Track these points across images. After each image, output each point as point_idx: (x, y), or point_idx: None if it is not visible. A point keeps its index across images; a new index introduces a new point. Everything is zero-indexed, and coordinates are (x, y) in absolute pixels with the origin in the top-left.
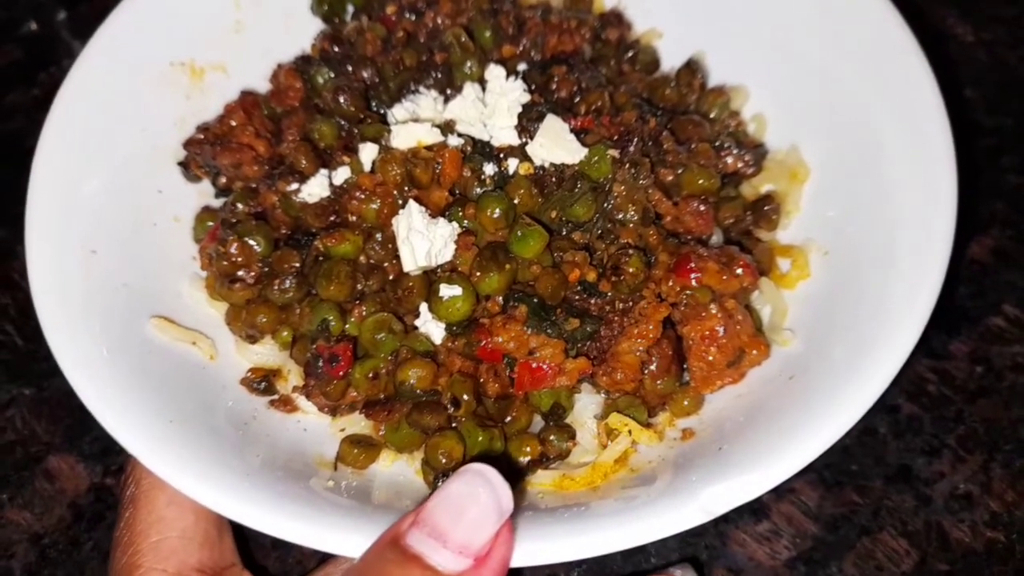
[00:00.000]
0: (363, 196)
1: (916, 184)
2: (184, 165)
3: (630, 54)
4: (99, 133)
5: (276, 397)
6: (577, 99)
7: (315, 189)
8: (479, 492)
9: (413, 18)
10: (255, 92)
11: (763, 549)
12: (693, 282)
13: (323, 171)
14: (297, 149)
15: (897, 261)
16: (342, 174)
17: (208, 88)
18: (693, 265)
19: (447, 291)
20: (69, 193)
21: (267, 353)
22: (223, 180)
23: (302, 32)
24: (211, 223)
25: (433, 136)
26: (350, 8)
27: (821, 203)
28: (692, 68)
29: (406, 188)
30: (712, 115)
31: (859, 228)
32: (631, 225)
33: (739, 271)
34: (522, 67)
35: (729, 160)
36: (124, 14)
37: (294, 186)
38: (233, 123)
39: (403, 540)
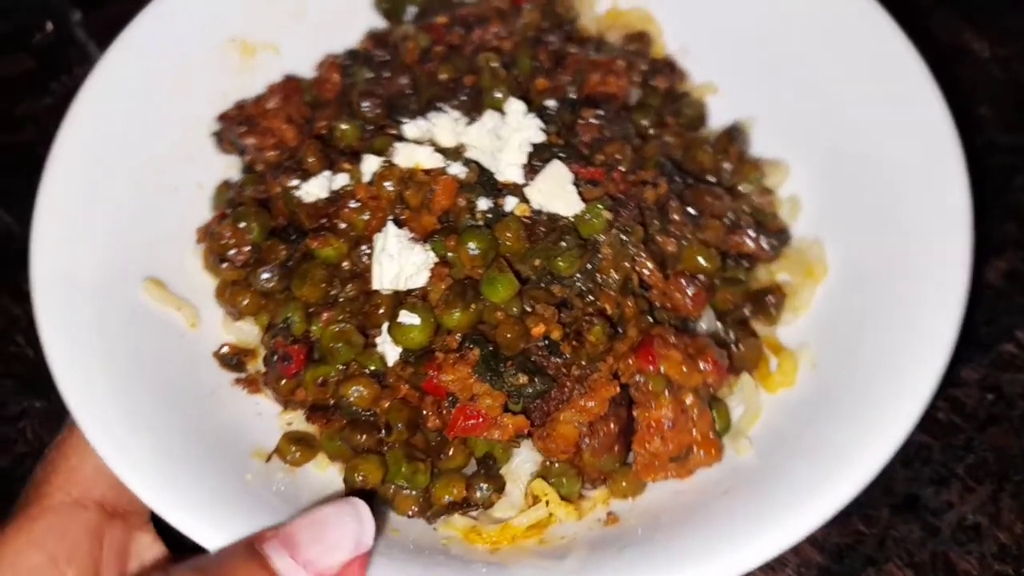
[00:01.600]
0: (355, 205)
1: (925, 329)
2: (217, 136)
3: (676, 106)
4: (139, 92)
5: (244, 376)
6: (597, 146)
7: (314, 189)
8: (345, 520)
9: (462, 32)
10: (299, 78)
11: None
12: (651, 367)
13: (326, 173)
14: (307, 147)
15: (877, 403)
16: (341, 180)
17: (258, 67)
18: (655, 350)
19: (406, 318)
20: (94, 143)
21: (250, 331)
22: (248, 158)
23: (361, 25)
24: (231, 192)
25: (434, 161)
26: (412, 10)
27: (829, 309)
28: (731, 135)
29: (398, 206)
30: (742, 188)
31: (856, 349)
32: (611, 291)
33: (704, 366)
34: (551, 103)
35: (745, 241)
36: None
37: (295, 182)
38: (269, 105)
39: (258, 543)
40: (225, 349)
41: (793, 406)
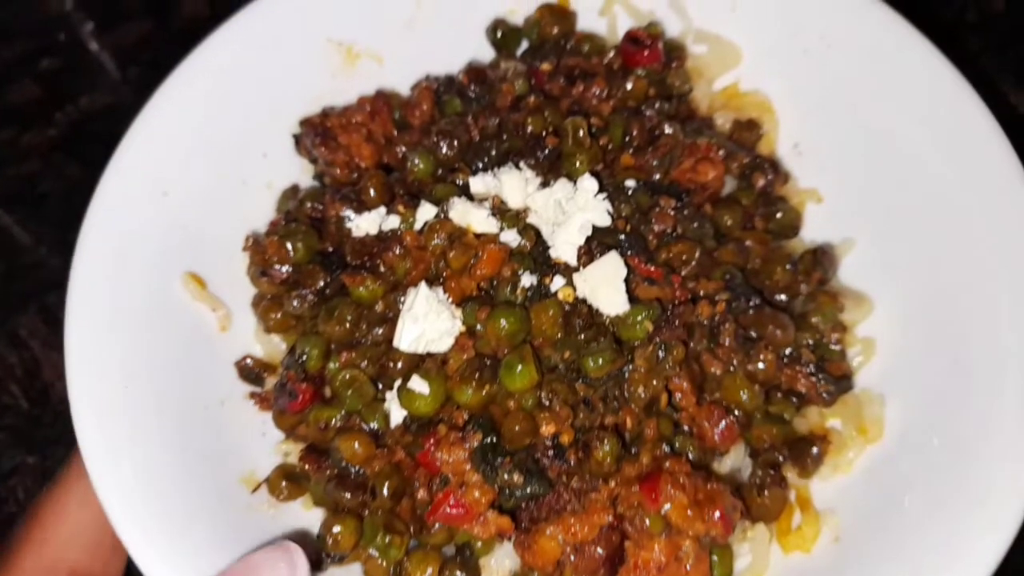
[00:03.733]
0: (400, 251)
1: (974, 538)
2: (296, 140)
3: (770, 209)
4: (229, 81)
5: (260, 391)
6: (665, 242)
7: (364, 223)
8: (280, 566)
9: (564, 83)
10: (391, 94)
11: None
12: (652, 506)
13: (381, 210)
14: (371, 178)
15: None
16: (392, 221)
17: (357, 74)
18: (661, 487)
19: (416, 384)
20: (175, 122)
21: (279, 344)
22: (318, 169)
23: (470, 48)
24: (292, 202)
25: (487, 226)
26: (524, 43)
27: (871, 477)
28: (818, 257)
29: (443, 262)
30: (814, 319)
31: (889, 535)
32: (635, 406)
33: (711, 517)
34: (632, 183)
35: (799, 379)
36: None
37: (348, 212)
38: (356, 119)
39: None
40: (248, 361)
41: (803, 574)
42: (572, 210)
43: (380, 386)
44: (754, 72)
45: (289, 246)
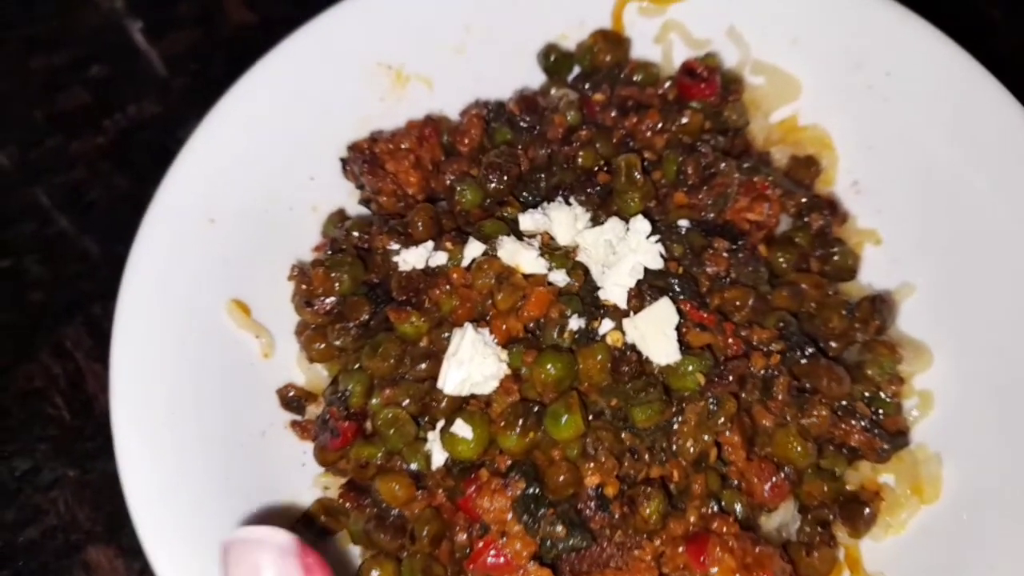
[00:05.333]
0: (447, 288)
1: None
2: (343, 163)
3: (827, 252)
4: (275, 106)
5: (301, 419)
6: (718, 286)
7: (411, 258)
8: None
9: (616, 114)
10: (440, 119)
11: None
12: (699, 569)
13: (428, 244)
14: (418, 211)
15: None
16: (439, 258)
17: (406, 97)
18: (709, 550)
19: (460, 429)
20: (216, 153)
21: (321, 372)
22: (365, 195)
23: (522, 72)
24: (338, 227)
25: (536, 267)
26: (576, 69)
27: (924, 541)
28: (876, 306)
29: (489, 300)
30: (870, 371)
31: None
32: (682, 460)
33: None
34: (684, 223)
35: (853, 434)
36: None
37: (395, 246)
38: (403, 144)
39: None
40: (291, 392)
41: None
42: (623, 251)
43: (422, 423)
44: (813, 106)
45: (335, 276)
